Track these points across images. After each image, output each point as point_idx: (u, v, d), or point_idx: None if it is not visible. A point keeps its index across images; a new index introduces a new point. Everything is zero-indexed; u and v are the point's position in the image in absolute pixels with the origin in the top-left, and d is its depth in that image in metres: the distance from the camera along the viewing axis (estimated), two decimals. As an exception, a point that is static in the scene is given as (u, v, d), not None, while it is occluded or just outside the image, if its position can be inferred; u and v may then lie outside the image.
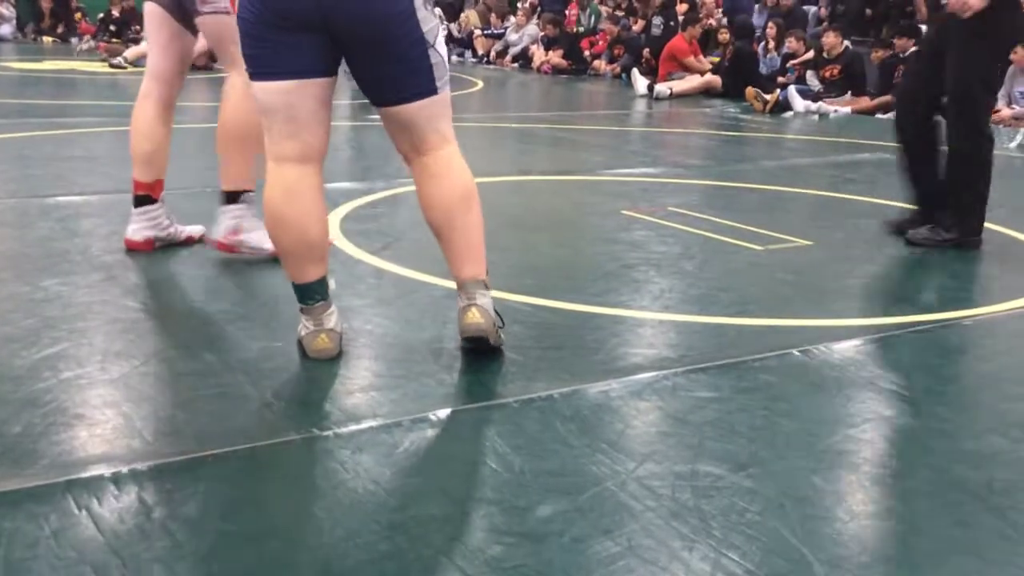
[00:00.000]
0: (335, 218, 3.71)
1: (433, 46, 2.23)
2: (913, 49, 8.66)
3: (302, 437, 1.89)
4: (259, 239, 3.05)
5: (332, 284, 2.39)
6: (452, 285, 2.85)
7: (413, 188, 4.12)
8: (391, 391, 2.15)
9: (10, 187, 4.20)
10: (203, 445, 1.83)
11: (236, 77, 2.92)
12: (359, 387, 2.18)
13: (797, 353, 2.43)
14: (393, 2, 2.13)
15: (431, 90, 2.26)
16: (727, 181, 4.93)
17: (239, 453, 1.82)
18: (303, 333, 2.33)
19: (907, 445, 2.01)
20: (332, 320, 2.34)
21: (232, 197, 3.09)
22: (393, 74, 2.22)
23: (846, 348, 2.50)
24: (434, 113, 2.29)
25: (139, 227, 3.19)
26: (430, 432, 1.94)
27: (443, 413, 2.02)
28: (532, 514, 1.62)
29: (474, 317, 2.28)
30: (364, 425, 1.95)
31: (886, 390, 2.24)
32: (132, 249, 3.17)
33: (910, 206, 3.93)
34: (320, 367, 2.27)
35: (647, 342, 2.54)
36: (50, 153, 5.16)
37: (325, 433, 1.91)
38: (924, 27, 9.55)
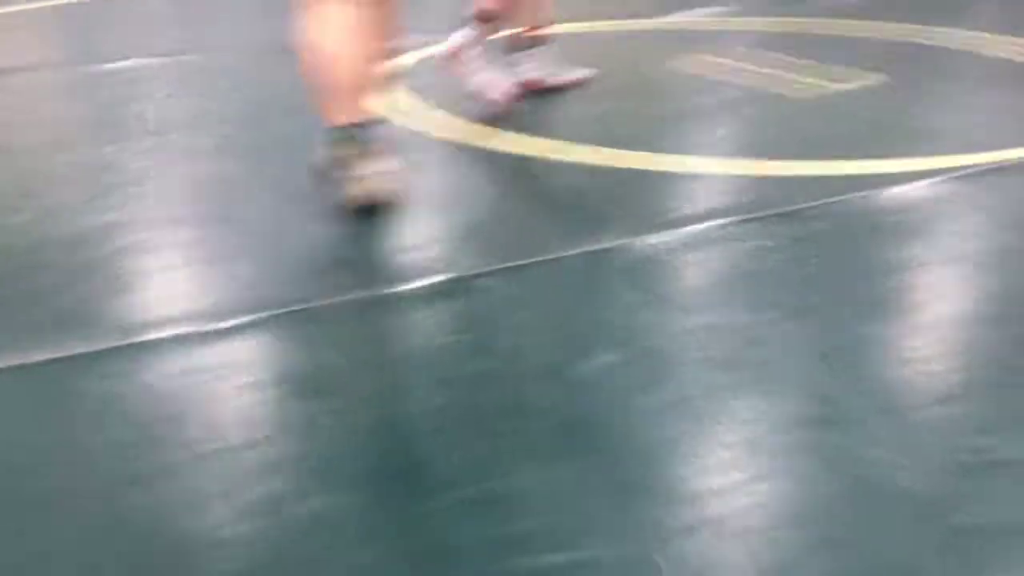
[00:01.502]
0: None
1: None
2: None
3: (361, 296, 1.93)
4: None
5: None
6: (495, 144, 2.84)
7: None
8: (443, 249, 2.17)
9: (64, 53, 4.22)
10: (263, 306, 1.88)
11: None
12: (415, 245, 2.20)
13: (854, 199, 2.38)
14: None
15: None
16: (797, 16, 4.74)
17: (298, 313, 1.86)
18: (352, 179, 2.28)
19: (965, 290, 1.98)
20: (381, 166, 2.29)
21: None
22: None
23: (907, 192, 2.44)
24: None
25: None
26: (485, 288, 1.96)
27: (498, 268, 2.03)
28: (583, 366, 1.64)
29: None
30: (420, 283, 1.97)
31: (946, 235, 2.19)
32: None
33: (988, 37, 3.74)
34: (376, 228, 2.29)
35: (700, 193, 2.51)
36: (107, 17, 5.16)
37: (384, 292, 1.94)
38: None
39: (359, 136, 2.27)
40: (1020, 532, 1.22)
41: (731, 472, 1.35)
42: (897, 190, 2.44)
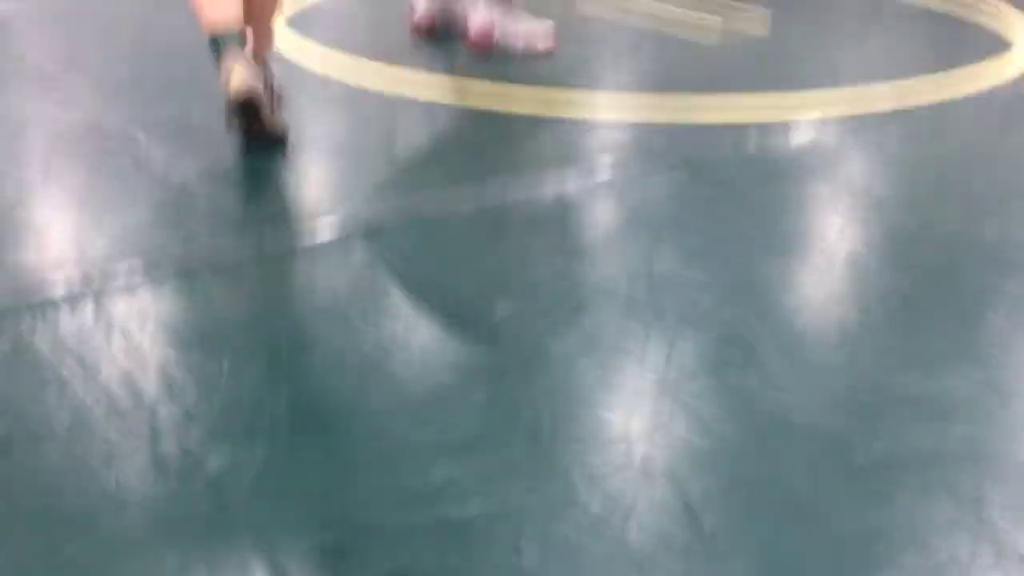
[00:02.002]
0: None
1: None
2: None
3: (258, 250, 1.87)
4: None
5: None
6: (399, 88, 2.79)
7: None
8: (344, 201, 2.12)
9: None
10: (160, 264, 1.81)
11: None
12: (313, 197, 2.15)
13: (752, 143, 2.41)
14: None
15: None
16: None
17: (198, 271, 1.80)
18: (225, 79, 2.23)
19: (859, 230, 2.03)
20: (253, 75, 2.22)
21: None
22: None
23: (800, 137, 2.49)
24: None
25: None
26: (386, 241, 1.93)
27: (397, 222, 2.00)
28: (489, 316, 1.63)
29: (247, 85, 2.21)
30: (319, 239, 1.93)
31: (840, 178, 2.24)
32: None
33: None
34: (267, 180, 2.23)
35: (604, 142, 2.51)
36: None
37: (282, 246, 1.89)
38: None
39: (219, 45, 2.25)
40: (918, 464, 1.26)
41: (639, 415, 1.36)
42: (792, 130, 2.48)
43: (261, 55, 2.49)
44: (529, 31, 3.20)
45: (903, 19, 3.82)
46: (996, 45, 3.30)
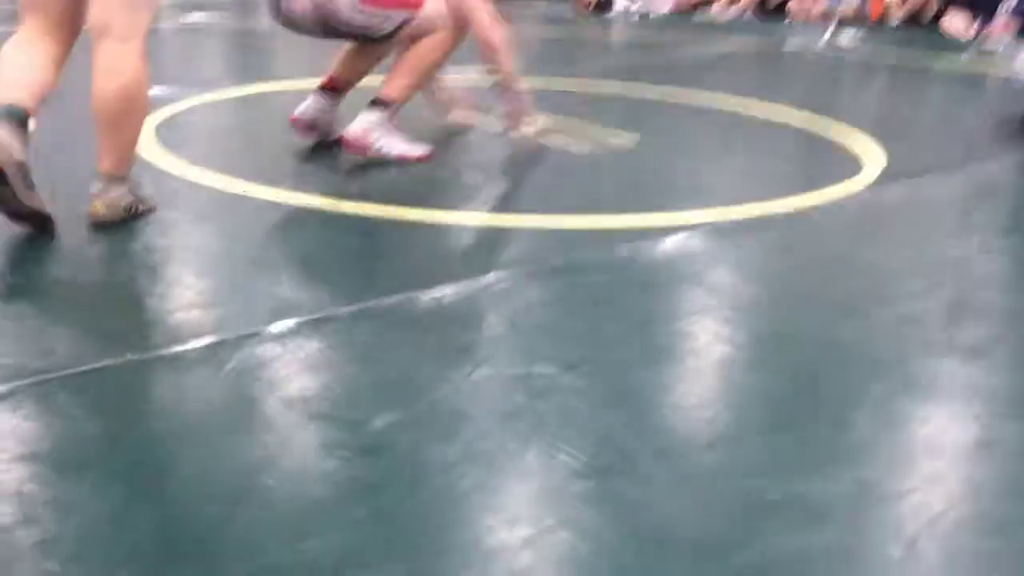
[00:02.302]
0: (150, 125, 3.51)
1: None
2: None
3: (121, 361, 1.80)
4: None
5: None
6: (276, 195, 2.78)
7: (233, 94, 3.96)
8: (214, 308, 2.07)
9: None
10: (12, 374, 1.73)
11: None
12: (180, 305, 2.09)
13: (623, 251, 2.47)
14: None
15: None
16: (554, 77, 4.93)
17: (53, 381, 1.72)
18: None
19: (728, 335, 2.08)
20: (15, 143, 2.28)
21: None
22: None
23: (669, 244, 2.56)
24: (113, 10, 2.36)
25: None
26: (259, 348, 1.88)
27: (271, 328, 1.96)
28: (367, 427, 1.60)
29: (95, 208, 2.45)
30: (189, 346, 1.87)
31: (708, 283, 2.31)
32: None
33: (727, 101, 4.01)
34: (135, 287, 2.16)
35: (477, 247, 2.53)
36: None
37: (147, 356, 1.82)
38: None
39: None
40: (794, 567, 1.28)
41: (521, 525, 1.35)
42: (662, 242, 2.56)
43: (115, 175, 2.44)
44: (405, 142, 3.24)
45: (763, 138, 4.02)
46: (848, 162, 3.49)
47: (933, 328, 2.08)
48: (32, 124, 2.39)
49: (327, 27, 3.22)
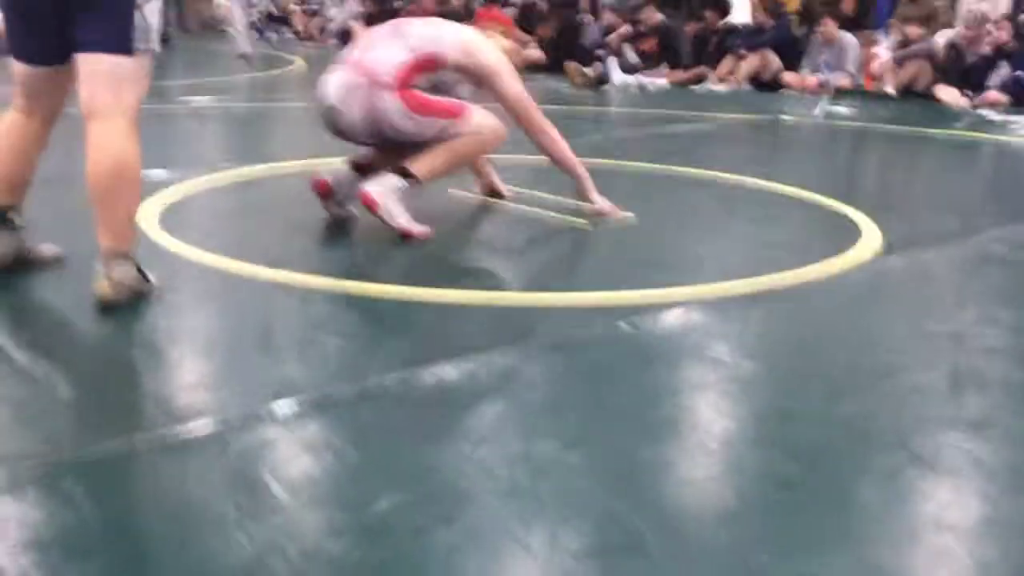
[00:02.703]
0: (153, 209, 3.55)
1: (141, 8, 2.45)
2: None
3: (126, 445, 1.80)
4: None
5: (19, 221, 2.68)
6: (277, 276, 2.80)
7: (234, 175, 4.02)
8: (218, 389, 2.08)
9: None
10: (16, 459, 1.72)
11: None
12: (184, 387, 2.10)
13: (624, 326, 2.48)
14: None
15: (124, 48, 2.44)
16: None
17: (57, 466, 1.71)
18: None
19: (731, 410, 2.09)
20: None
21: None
22: (95, 18, 2.42)
23: (670, 318, 2.57)
24: (104, 83, 2.44)
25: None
26: (261, 430, 1.88)
27: (273, 409, 1.96)
28: (370, 508, 1.59)
29: (101, 288, 2.45)
30: (192, 428, 1.87)
31: (709, 358, 2.31)
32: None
33: (725, 174, 4.05)
34: (140, 367, 2.17)
35: (477, 324, 2.54)
36: None
37: (151, 439, 1.82)
38: (737, 3, 9.92)
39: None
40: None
41: (527, 610, 1.33)
42: (663, 317, 2.57)
43: (116, 251, 2.46)
44: (408, 218, 3.27)
45: (762, 210, 4.06)
46: (848, 234, 3.52)
47: (936, 402, 2.08)
48: (18, 217, 2.67)
49: (378, 134, 3.35)
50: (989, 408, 2.05)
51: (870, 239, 3.39)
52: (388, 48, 3.33)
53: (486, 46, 3.47)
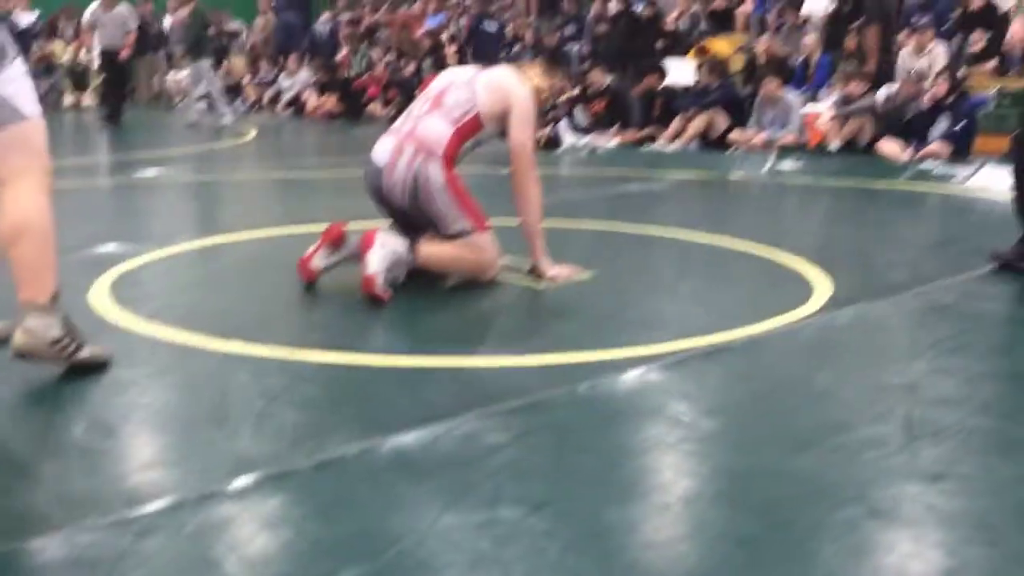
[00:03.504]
0: (105, 284, 3.52)
1: None
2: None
3: (76, 528, 1.76)
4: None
5: None
6: (232, 348, 2.77)
7: (186, 248, 3.99)
8: (174, 467, 2.05)
9: None
10: None
11: None
12: (138, 466, 2.07)
13: (583, 388, 2.49)
14: None
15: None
16: (505, 218, 5.04)
17: (12, 552, 1.67)
18: None
19: (692, 468, 2.09)
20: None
21: None
22: None
23: (629, 378, 2.59)
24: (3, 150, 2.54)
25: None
26: (219, 508, 1.85)
27: (230, 486, 1.93)
28: (331, 583, 1.57)
29: (16, 338, 2.52)
30: (147, 508, 1.83)
31: (669, 417, 2.32)
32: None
33: (678, 232, 4.08)
34: (92, 448, 2.13)
35: (435, 391, 2.53)
36: None
37: (103, 521, 1.78)
38: (678, 65, 10.13)
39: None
40: None
41: None
42: (620, 378, 2.58)
43: (31, 303, 2.52)
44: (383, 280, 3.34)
45: (714, 267, 4.11)
46: (798, 288, 3.57)
47: (892, 454, 2.10)
48: None
49: (413, 200, 3.52)
50: (945, 458, 2.08)
51: (821, 292, 3.44)
52: (434, 122, 3.57)
53: (513, 82, 3.66)
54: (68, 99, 13.80)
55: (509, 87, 3.64)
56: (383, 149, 3.60)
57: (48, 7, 14.50)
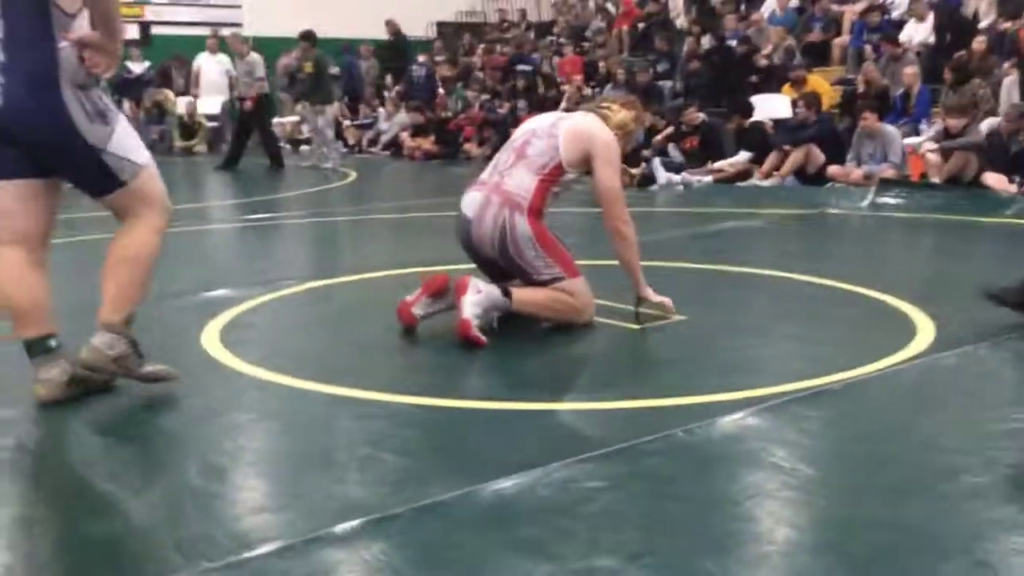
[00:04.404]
0: (216, 327, 3.66)
1: (106, 150, 2.72)
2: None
3: (192, 570, 1.84)
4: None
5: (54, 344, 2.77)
6: (337, 391, 2.86)
7: (292, 291, 4.11)
8: (282, 511, 2.12)
9: None
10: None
11: None
12: (248, 509, 2.15)
13: (680, 433, 2.49)
14: (53, 117, 2.63)
15: (117, 184, 2.77)
16: (600, 259, 5.06)
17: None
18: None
19: (792, 517, 2.08)
20: (50, 372, 2.73)
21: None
22: (78, 174, 2.77)
23: (727, 424, 2.58)
24: (126, 204, 2.81)
25: None
26: (324, 552, 1.91)
27: (336, 530, 1.99)
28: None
29: (82, 354, 2.75)
30: (256, 552, 1.91)
31: (768, 463, 2.31)
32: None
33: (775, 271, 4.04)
34: (205, 491, 2.22)
35: (533, 435, 2.56)
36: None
37: (215, 564, 1.86)
38: (763, 100, 10.05)
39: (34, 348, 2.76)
40: None
41: None
42: (717, 423, 2.57)
43: (104, 323, 2.77)
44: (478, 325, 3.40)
45: (813, 307, 4.06)
46: (901, 329, 3.51)
47: (999, 503, 2.06)
48: (53, 342, 2.77)
49: (503, 251, 3.59)
50: (1055, 509, 2.03)
51: (924, 333, 3.38)
52: (519, 174, 3.64)
53: (595, 127, 3.72)
54: (178, 143, 14.33)
55: (590, 133, 3.69)
56: (471, 201, 3.68)
57: (155, 56, 15.11)
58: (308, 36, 11.29)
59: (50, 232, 2.87)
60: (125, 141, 2.77)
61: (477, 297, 3.44)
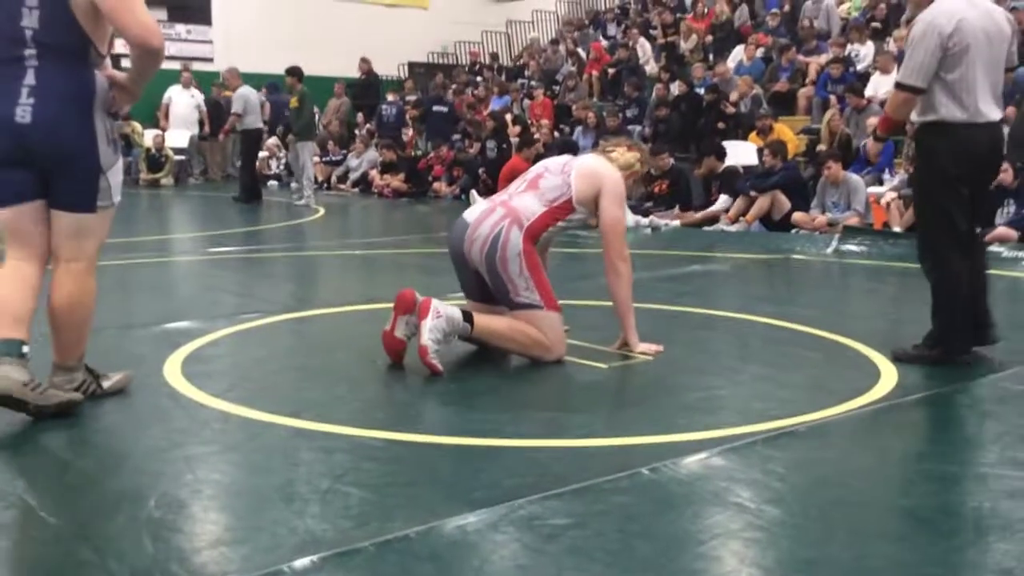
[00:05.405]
0: (178, 359, 3.61)
1: (105, 174, 2.91)
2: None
3: (148, 602, 1.80)
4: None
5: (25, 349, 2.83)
6: (300, 424, 2.83)
7: (256, 324, 4.09)
8: (241, 545, 2.08)
9: None
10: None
11: None
12: (207, 543, 2.11)
13: (646, 472, 2.49)
14: (81, 133, 2.83)
15: (90, 207, 2.91)
16: (566, 299, 5.08)
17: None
18: None
19: (755, 557, 2.07)
20: (14, 372, 2.76)
21: None
22: (71, 187, 2.87)
23: (692, 463, 2.58)
24: (73, 232, 2.91)
25: None
26: (284, 586, 1.88)
27: (296, 564, 1.96)
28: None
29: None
30: (215, 584, 1.87)
31: (732, 503, 2.31)
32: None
33: (740, 314, 4.08)
34: (164, 523, 2.18)
35: (499, 471, 2.55)
36: None
37: (173, 596, 1.82)
38: (739, 147, 10.17)
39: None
40: None
41: None
42: (682, 462, 2.57)
43: (61, 365, 2.95)
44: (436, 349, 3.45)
45: (778, 349, 4.08)
46: (865, 372, 3.53)
47: (962, 547, 2.06)
48: (26, 348, 2.82)
49: (489, 261, 3.68)
50: (1016, 553, 2.03)
51: (887, 378, 3.40)
52: (529, 199, 3.80)
53: (605, 167, 3.90)
54: (145, 176, 14.24)
55: (600, 172, 3.87)
56: (475, 209, 3.86)
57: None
58: (294, 72, 11.46)
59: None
60: (118, 176, 2.99)
61: (436, 322, 3.48)
